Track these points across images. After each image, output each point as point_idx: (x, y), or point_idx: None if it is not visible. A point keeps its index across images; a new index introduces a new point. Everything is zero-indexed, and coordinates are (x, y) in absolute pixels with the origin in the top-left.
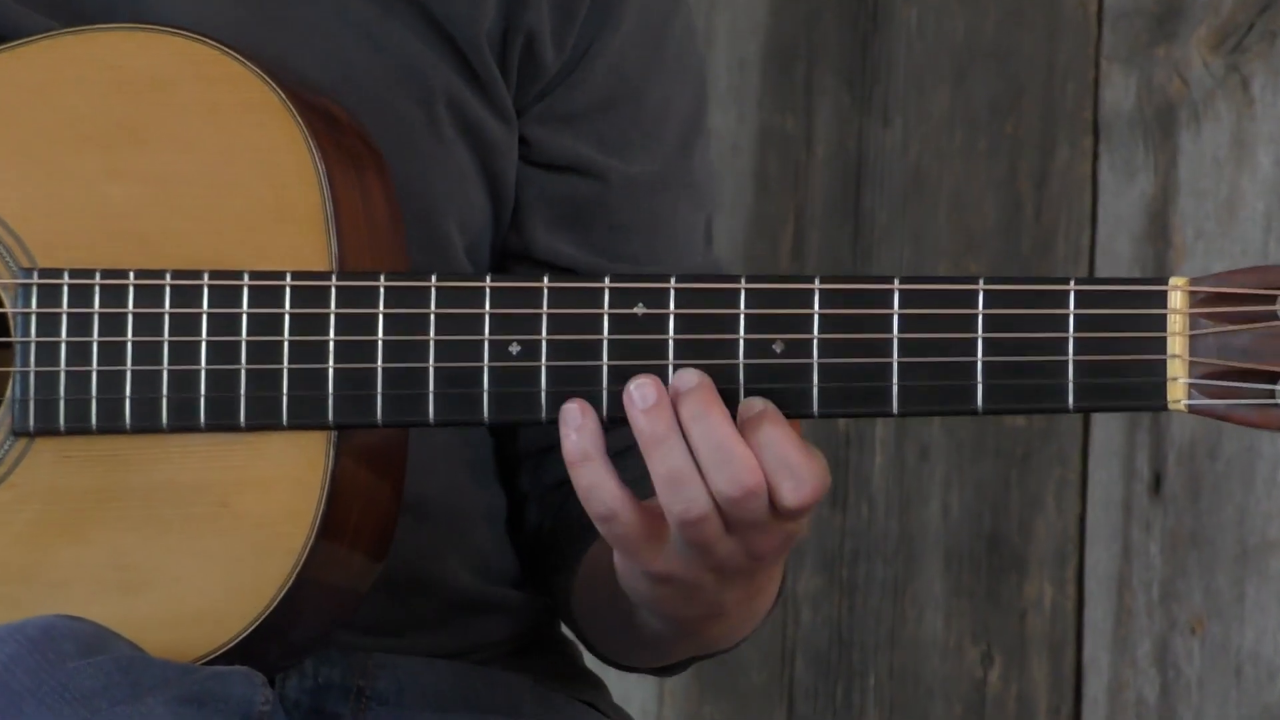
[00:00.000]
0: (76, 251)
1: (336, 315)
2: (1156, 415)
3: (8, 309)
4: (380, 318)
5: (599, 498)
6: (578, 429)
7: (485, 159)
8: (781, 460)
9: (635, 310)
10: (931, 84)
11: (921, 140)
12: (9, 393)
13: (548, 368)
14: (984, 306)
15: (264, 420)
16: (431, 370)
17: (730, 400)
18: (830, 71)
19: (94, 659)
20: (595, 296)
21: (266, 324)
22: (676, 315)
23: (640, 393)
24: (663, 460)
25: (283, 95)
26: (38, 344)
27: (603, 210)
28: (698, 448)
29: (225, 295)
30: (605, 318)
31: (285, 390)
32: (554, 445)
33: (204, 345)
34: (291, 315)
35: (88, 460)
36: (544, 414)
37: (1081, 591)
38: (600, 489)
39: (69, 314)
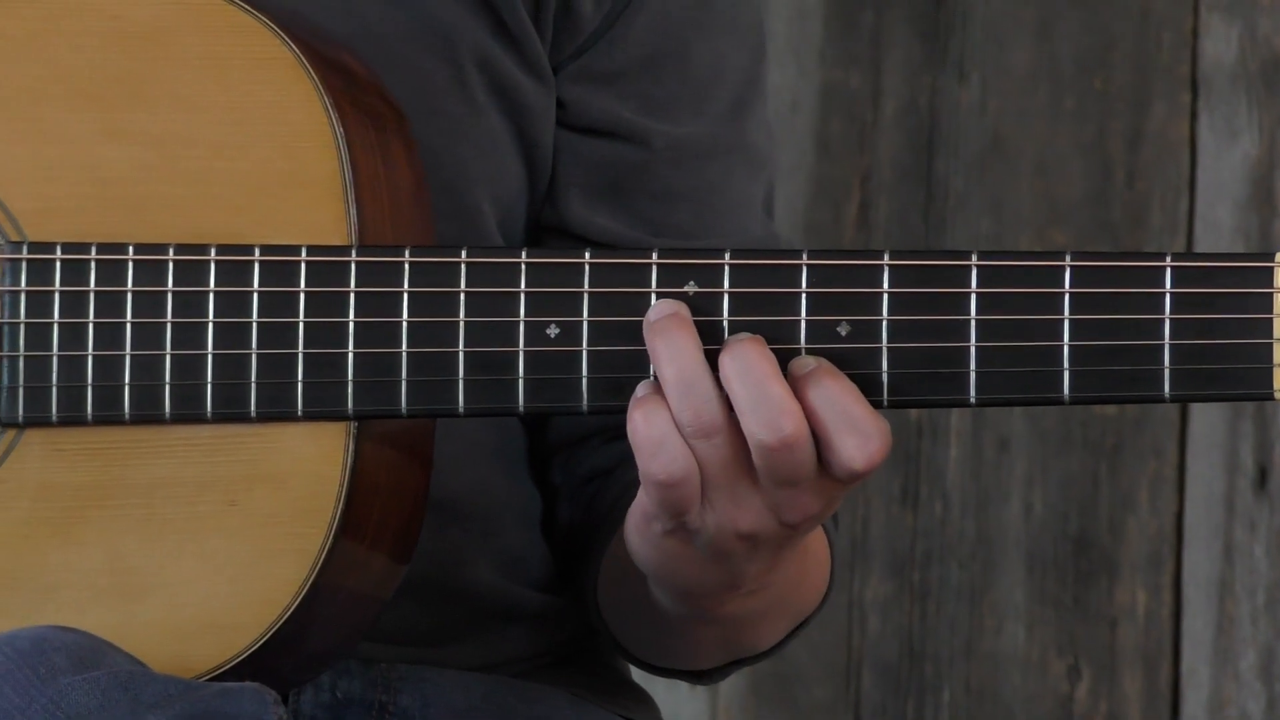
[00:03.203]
0: (69, 222)
1: (356, 294)
2: (1263, 403)
3: None
4: (404, 297)
5: (669, 453)
6: (644, 396)
7: (520, 123)
8: (843, 414)
9: (686, 289)
10: (1012, 35)
11: (1001, 98)
12: None
13: (589, 352)
14: (1071, 284)
15: (277, 410)
16: (461, 355)
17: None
18: (900, 21)
19: (89, 674)
20: (642, 273)
21: (279, 304)
22: (731, 294)
23: (654, 309)
24: (671, 361)
25: (296, 49)
26: (28, 325)
27: (646, 178)
28: (733, 389)
29: (234, 272)
30: (653, 297)
31: (300, 377)
32: (588, 435)
33: (211, 327)
34: (307, 294)
35: (82, 454)
36: (585, 403)
37: (1179, 598)
38: (669, 444)
39: (62, 293)
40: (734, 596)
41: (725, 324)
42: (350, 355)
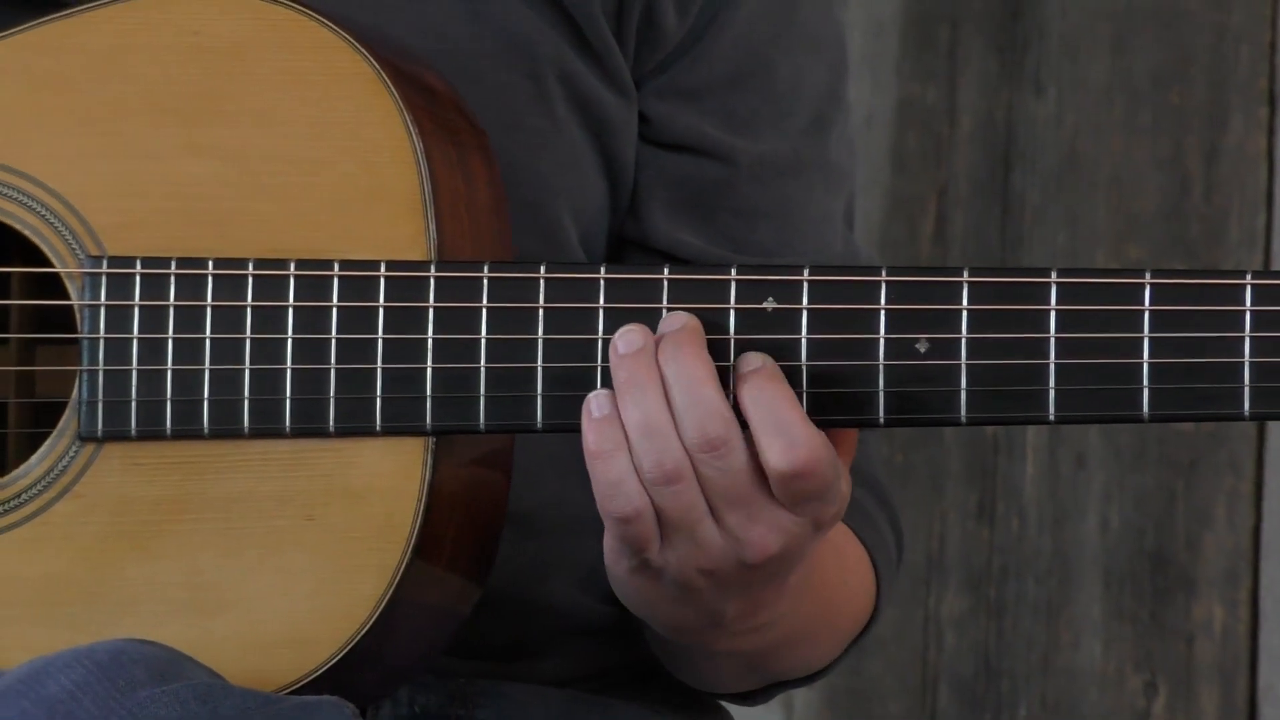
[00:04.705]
0: (148, 236)
1: (435, 310)
2: None
3: (74, 301)
4: (483, 312)
5: (625, 494)
6: (602, 419)
7: (601, 137)
8: (773, 418)
9: (765, 305)
10: (1089, 50)
11: (1077, 112)
12: (75, 394)
13: None
14: (1150, 302)
15: (355, 424)
16: (540, 370)
17: (860, 407)
18: (976, 36)
19: (168, 687)
20: (720, 289)
21: (358, 319)
22: (810, 311)
23: (624, 339)
24: (636, 405)
25: (375, 64)
26: (107, 340)
27: (729, 194)
28: (670, 391)
29: (313, 287)
30: (731, 313)
31: (379, 392)
32: None
33: (290, 342)
34: (386, 309)
35: (160, 468)
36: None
37: (1256, 613)
38: (626, 485)
39: (141, 307)
40: (723, 636)
41: (804, 341)
42: (429, 371)
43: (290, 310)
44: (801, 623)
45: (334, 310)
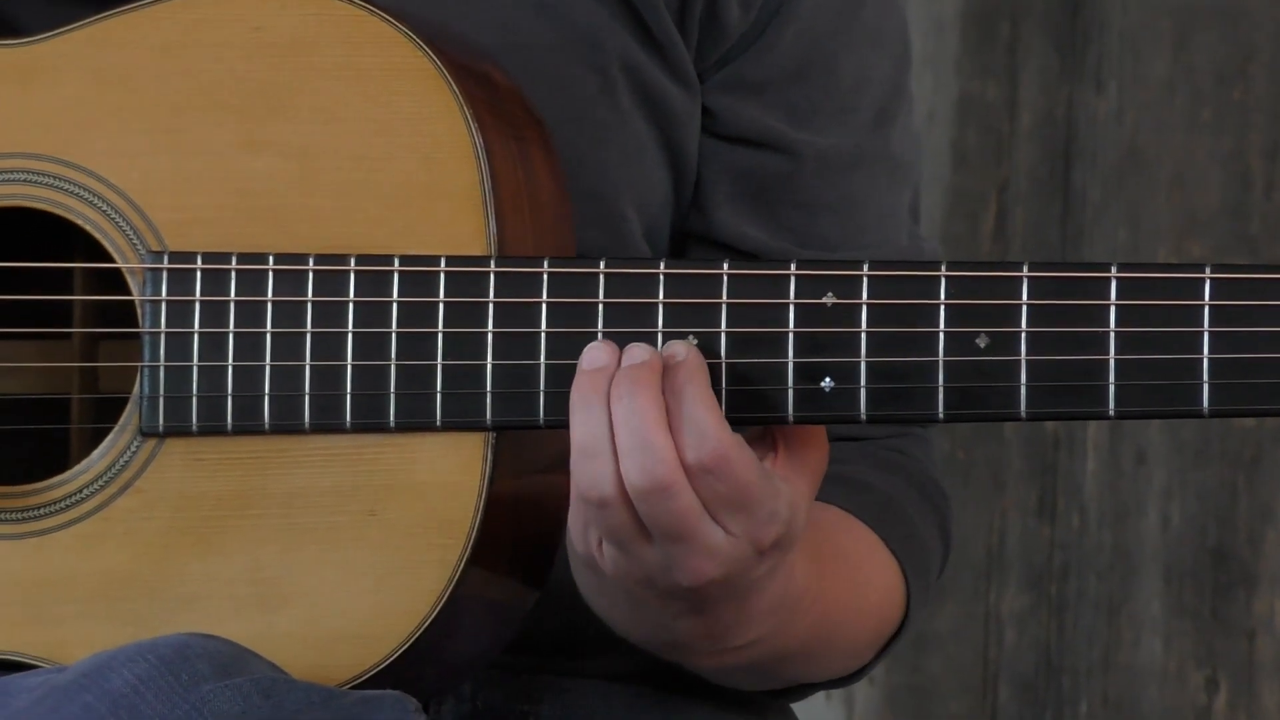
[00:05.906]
0: (208, 232)
1: (495, 305)
2: None
3: (135, 296)
4: (543, 307)
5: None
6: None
7: (665, 130)
8: (687, 413)
9: (825, 300)
10: (1150, 46)
11: (1138, 109)
12: (136, 389)
13: (727, 365)
14: (1210, 297)
15: (415, 420)
16: None
17: (920, 402)
18: (1037, 32)
19: (231, 681)
20: (780, 284)
21: (418, 314)
22: (870, 306)
23: (589, 355)
24: (582, 425)
25: (436, 60)
26: (168, 335)
27: (792, 188)
28: (617, 429)
29: (373, 282)
30: (791, 308)
31: (439, 387)
32: None
33: (350, 337)
34: (446, 305)
35: (222, 463)
36: (722, 413)
37: None
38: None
39: (202, 302)
40: (693, 656)
41: (863, 335)
42: (489, 366)
43: (351, 306)
44: (797, 642)
45: (394, 306)
